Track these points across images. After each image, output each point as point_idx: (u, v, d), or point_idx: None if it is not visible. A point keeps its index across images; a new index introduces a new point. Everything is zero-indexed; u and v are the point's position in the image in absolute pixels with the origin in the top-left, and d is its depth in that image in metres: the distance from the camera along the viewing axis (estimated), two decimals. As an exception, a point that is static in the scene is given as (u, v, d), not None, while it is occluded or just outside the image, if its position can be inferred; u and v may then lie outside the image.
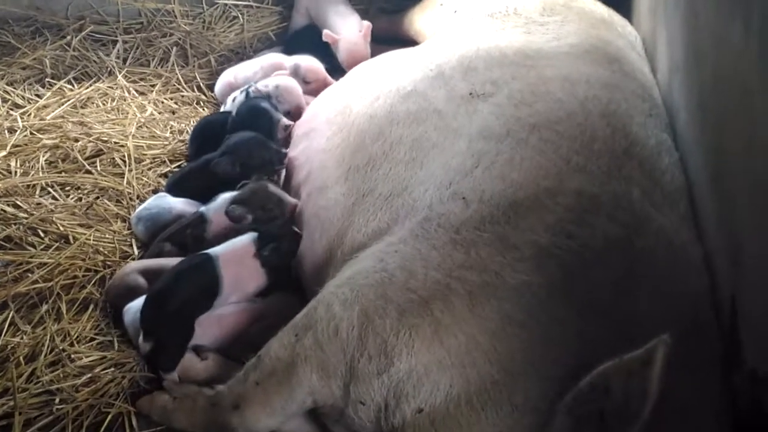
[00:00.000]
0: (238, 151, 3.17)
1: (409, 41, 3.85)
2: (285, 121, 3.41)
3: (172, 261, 2.85)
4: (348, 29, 3.88)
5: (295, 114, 3.51)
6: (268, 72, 3.67)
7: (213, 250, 2.75)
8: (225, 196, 2.97)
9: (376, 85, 3.17)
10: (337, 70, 3.79)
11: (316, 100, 3.50)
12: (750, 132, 2.12)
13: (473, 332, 2.12)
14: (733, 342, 2.18)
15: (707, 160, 2.55)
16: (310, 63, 3.71)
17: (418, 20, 3.98)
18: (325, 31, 3.84)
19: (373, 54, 3.71)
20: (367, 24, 3.91)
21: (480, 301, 2.15)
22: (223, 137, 3.32)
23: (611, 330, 2.06)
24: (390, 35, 4.10)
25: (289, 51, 3.95)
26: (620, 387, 1.83)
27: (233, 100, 3.59)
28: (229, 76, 3.81)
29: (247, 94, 3.53)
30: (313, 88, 3.65)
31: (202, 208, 3.00)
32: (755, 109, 2.07)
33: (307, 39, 3.98)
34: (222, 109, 3.69)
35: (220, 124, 3.46)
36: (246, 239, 2.76)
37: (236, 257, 2.74)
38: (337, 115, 3.17)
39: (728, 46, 2.30)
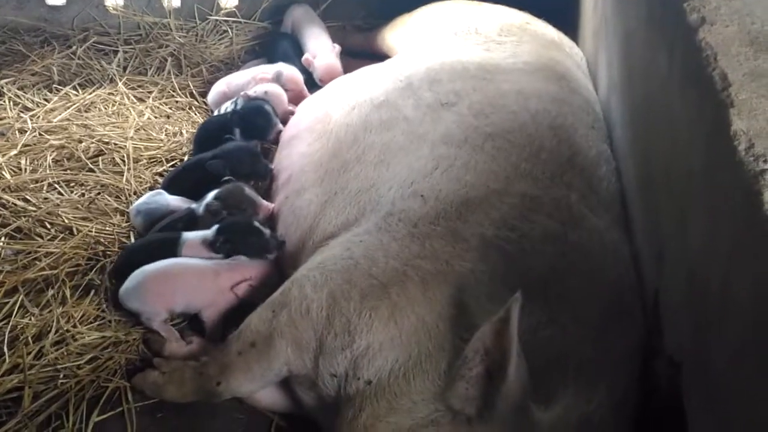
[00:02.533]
0: (231, 157, 3.20)
1: (382, 56, 3.89)
2: (280, 126, 3.47)
3: None
4: (321, 50, 3.94)
5: (282, 118, 3.57)
6: (258, 80, 3.71)
7: (186, 234, 2.84)
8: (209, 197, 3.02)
9: (352, 96, 3.21)
10: (311, 83, 3.85)
11: (299, 109, 3.54)
12: (670, 148, 2.20)
13: (423, 313, 2.19)
14: (655, 331, 2.24)
15: (636, 171, 2.62)
16: (291, 72, 3.76)
17: (389, 37, 4.01)
18: (305, 56, 3.91)
19: (349, 67, 3.76)
20: (337, 46, 3.99)
21: (431, 286, 2.23)
22: (219, 137, 3.36)
23: (542, 307, 2.15)
24: (364, 50, 4.14)
25: (271, 60, 3.98)
26: (494, 346, 1.93)
27: (225, 110, 3.63)
28: (222, 85, 3.83)
29: (235, 104, 3.59)
30: (290, 96, 3.70)
31: (193, 205, 3.04)
32: (675, 129, 2.14)
33: (288, 49, 4.04)
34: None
35: (219, 124, 3.51)
36: (208, 231, 2.83)
37: (197, 244, 2.82)
38: (317, 123, 3.21)
39: (655, 72, 2.38)
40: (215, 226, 2.84)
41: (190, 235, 2.85)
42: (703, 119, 1.90)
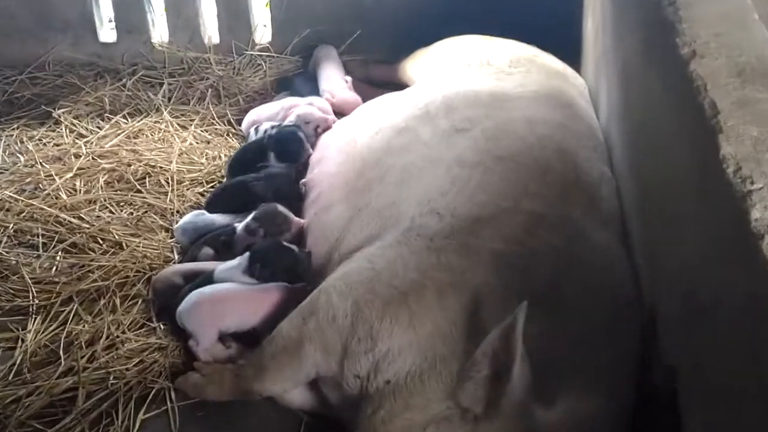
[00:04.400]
0: (274, 182, 3.23)
1: (403, 85, 3.89)
2: (310, 150, 3.45)
3: (206, 265, 2.89)
4: (335, 88, 3.94)
5: (325, 129, 3.57)
6: (288, 112, 3.70)
7: (218, 268, 2.80)
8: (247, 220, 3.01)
9: (376, 122, 3.23)
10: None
11: (328, 133, 3.55)
12: (665, 170, 2.19)
13: (438, 321, 2.18)
14: (652, 339, 2.22)
15: (634, 191, 2.60)
16: (322, 104, 3.76)
17: (409, 68, 4.01)
18: (324, 96, 3.88)
19: (370, 95, 3.78)
20: (349, 79, 4.02)
21: (446, 296, 2.22)
22: (253, 162, 3.39)
23: (547, 315, 2.14)
24: (386, 80, 4.15)
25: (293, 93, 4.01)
26: (502, 350, 1.93)
27: (264, 131, 3.59)
28: (253, 115, 3.83)
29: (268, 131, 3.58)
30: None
31: (235, 223, 3.05)
32: (670, 152, 2.13)
33: (307, 83, 4.06)
34: (248, 140, 3.73)
35: (252, 151, 3.51)
36: (240, 259, 2.79)
37: (228, 275, 2.76)
38: (345, 145, 3.23)
39: (651, 101, 2.37)
40: (246, 254, 2.79)
41: (217, 270, 2.81)
42: (695, 144, 1.90)
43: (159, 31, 4.47)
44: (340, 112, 3.81)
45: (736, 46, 2.03)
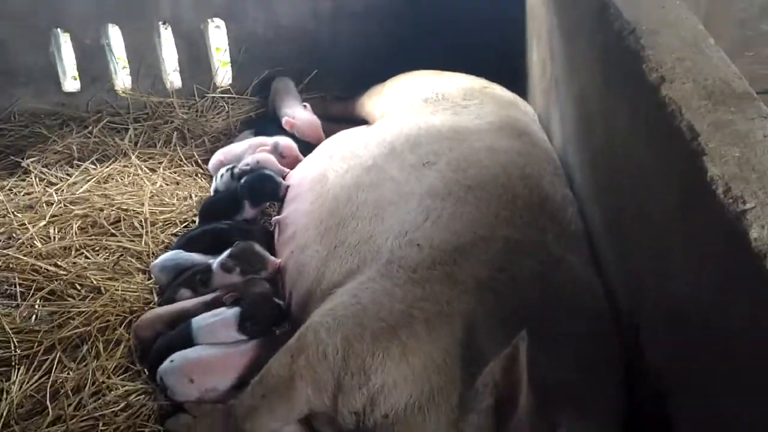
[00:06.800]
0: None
1: (360, 121, 3.85)
2: (285, 183, 3.39)
3: (186, 304, 2.82)
4: (296, 112, 3.90)
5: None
6: (255, 150, 3.62)
7: (196, 320, 2.67)
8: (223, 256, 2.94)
9: (345, 160, 3.17)
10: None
11: (301, 168, 3.48)
12: (640, 193, 2.13)
13: (431, 351, 2.11)
14: (639, 366, 2.16)
15: (604, 214, 2.55)
16: (287, 142, 3.69)
17: (367, 104, 3.95)
18: (285, 119, 3.83)
19: (330, 131, 3.73)
20: (307, 105, 3.99)
21: (436, 326, 2.15)
22: (222, 211, 3.33)
23: (535, 340, 2.01)
24: (344, 116, 4.07)
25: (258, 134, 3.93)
26: (503, 380, 1.87)
27: (221, 177, 3.56)
28: (219, 155, 3.76)
29: (232, 173, 3.51)
30: (288, 162, 3.61)
31: (210, 261, 2.97)
32: (645, 175, 2.08)
33: (272, 126, 3.95)
34: (213, 182, 3.65)
35: (222, 201, 3.44)
36: (229, 316, 2.66)
37: (213, 330, 2.65)
38: (316, 185, 3.17)
39: (616, 127, 2.33)
40: (234, 310, 2.67)
41: (200, 321, 2.69)
42: (673, 167, 1.85)
43: (122, 79, 4.35)
44: (302, 136, 3.80)
45: (699, 71, 2.02)
